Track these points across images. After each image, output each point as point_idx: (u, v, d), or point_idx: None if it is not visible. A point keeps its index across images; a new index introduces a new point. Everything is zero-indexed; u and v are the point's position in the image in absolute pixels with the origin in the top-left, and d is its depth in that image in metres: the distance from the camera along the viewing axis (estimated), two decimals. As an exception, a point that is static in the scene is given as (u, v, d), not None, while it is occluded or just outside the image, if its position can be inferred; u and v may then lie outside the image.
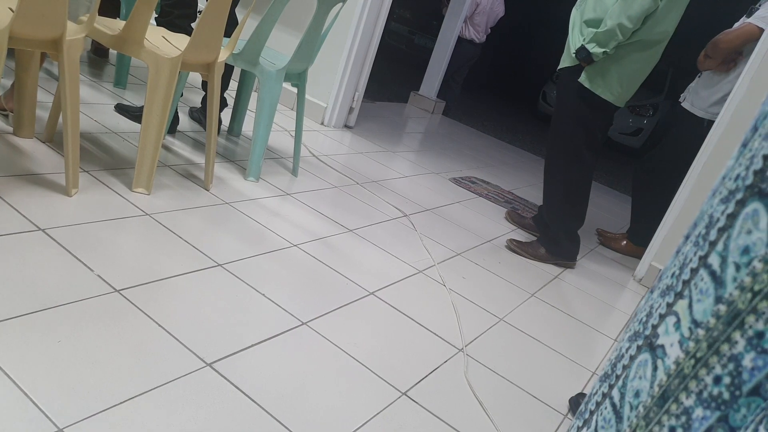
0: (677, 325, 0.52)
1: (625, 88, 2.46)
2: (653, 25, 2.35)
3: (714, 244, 0.51)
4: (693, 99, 2.92)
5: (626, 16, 2.28)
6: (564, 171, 2.61)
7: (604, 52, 2.35)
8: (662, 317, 0.56)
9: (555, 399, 1.66)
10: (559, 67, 2.60)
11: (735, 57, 2.75)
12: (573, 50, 2.46)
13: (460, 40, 5.74)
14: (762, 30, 2.60)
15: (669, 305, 0.56)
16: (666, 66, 7.65)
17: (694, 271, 0.54)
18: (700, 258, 0.53)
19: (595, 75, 2.43)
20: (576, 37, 2.47)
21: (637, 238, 3.19)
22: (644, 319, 0.60)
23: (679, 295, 0.54)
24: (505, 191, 3.73)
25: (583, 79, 2.45)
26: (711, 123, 2.79)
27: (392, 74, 7.70)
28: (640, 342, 0.58)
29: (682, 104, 2.99)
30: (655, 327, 0.57)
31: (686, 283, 0.53)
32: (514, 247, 2.69)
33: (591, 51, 2.37)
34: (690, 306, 0.53)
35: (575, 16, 2.52)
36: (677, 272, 0.56)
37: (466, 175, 3.77)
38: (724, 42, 2.72)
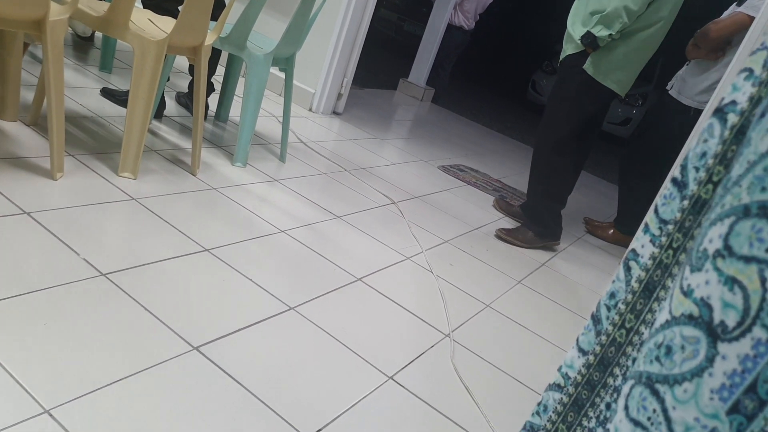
0: (645, 229, 0.59)
1: (629, 76, 2.47)
2: (656, 9, 2.36)
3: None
4: (680, 87, 2.93)
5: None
6: (552, 152, 2.62)
7: (609, 35, 2.35)
8: None
9: (540, 384, 1.68)
10: (561, 57, 2.59)
11: (723, 46, 2.76)
12: (577, 37, 2.46)
13: (450, 27, 5.72)
14: (753, 19, 2.61)
15: None
16: (656, 55, 7.67)
17: None
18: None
19: (600, 62, 2.43)
20: (577, 28, 2.47)
21: (623, 226, 3.22)
22: None
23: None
24: (494, 179, 3.74)
25: (587, 66, 2.45)
26: (698, 111, 2.81)
27: (381, 61, 7.66)
28: None
29: (669, 92, 3.01)
30: None
31: None
32: (503, 235, 2.70)
33: (597, 34, 2.37)
34: (656, 212, 0.58)
35: (577, 7, 2.52)
36: None
37: (455, 163, 3.77)
38: (714, 31, 2.73)
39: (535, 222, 2.71)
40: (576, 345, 0.68)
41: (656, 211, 0.59)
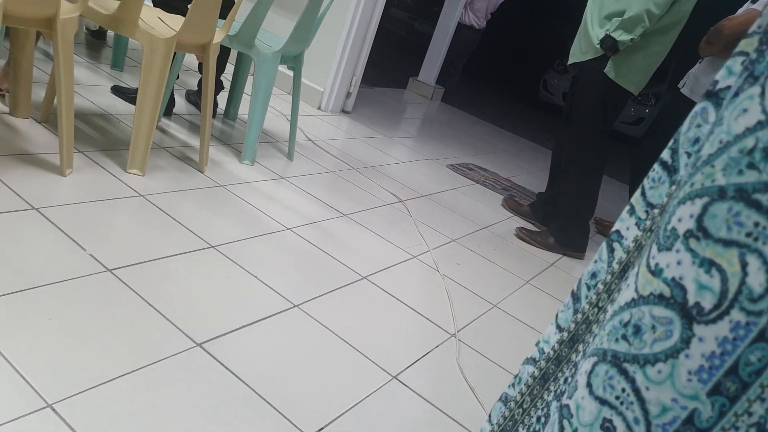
0: (631, 211, 0.57)
1: (645, 76, 2.46)
2: (676, 11, 2.33)
3: None
4: (693, 85, 2.91)
5: (653, 3, 2.25)
6: (584, 161, 2.61)
7: (631, 39, 2.32)
8: None
9: (545, 384, 1.67)
10: (574, 61, 2.57)
11: (737, 43, 2.73)
12: (596, 41, 2.44)
13: (460, 26, 5.70)
14: None
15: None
16: (670, 54, 7.61)
17: None
18: None
19: (621, 65, 2.41)
20: (595, 30, 2.45)
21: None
22: None
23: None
24: (503, 178, 3.73)
25: (608, 69, 2.43)
26: None
27: (391, 60, 7.66)
28: None
29: (681, 90, 2.98)
30: None
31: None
32: (524, 235, 2.70)
33: (618, 39, 2.34)
34: (643, 194, 0.57)
35: (592, 7, 2.50)
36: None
37: (464, 162, 3.76)
38: (728, 28, 2.70)
39: (560, 229, 2.69)
40: (555, 321, 0.69)
41: (643, 193, 0.58)
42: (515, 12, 9.20)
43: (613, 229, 0.61)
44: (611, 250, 0.60)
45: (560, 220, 2.71)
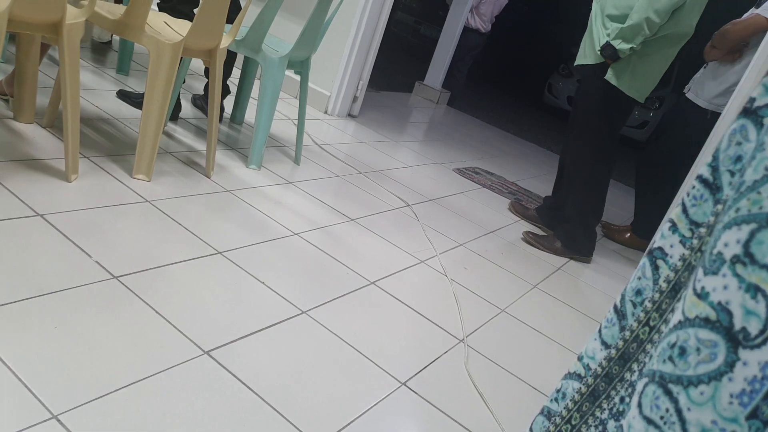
0: (673, 228, 0.56)
1: (650, 84, 2.43)
2: (680, 19, 2.29)
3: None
4: (697, 90, 2.90)
5: (654, 10, 2.22)
6: (590, 167, 2.59)
7: (630, 48, 2.29)
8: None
9: (556, 391, 1.65)
10: (579, 63, 2.56)
11: (741, 48, 2.72)
12: (597, 46, 2.42)
13: (466, 30, 5.69)
14: None
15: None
16: (674, 59, 7.59)
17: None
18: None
19: (622, 72, 2.39)
20: (599, 32, 2.42)
21: (640, 230, 3.17)
22: None
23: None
24: (509, 182, 3.71)
25: (609, 76, 2.41)
26: (715, 114, 2.76)
27: (397, 64, 7.65)
28: None
29: (686, 94, 2.96)
30: None
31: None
32: (531, 239, 2.68)
33: (617, 47, 2.32)
34: (685, 212, 0.58)
35: (596, 10, 2.48)
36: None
37: (470, 166, 3.75)
38: (732, 33, 2.69)
39: (567, 234, 2.67)
40: (599, 337, 0.69)
41: (685, 211, 0.58)
42: (520, 16, 9.19)
43: (655, 245, 0.61)
44: (655, 268, 0.60)
45: (567, 224, 2.69)
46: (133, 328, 1.27)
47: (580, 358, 0.71)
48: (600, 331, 0.68)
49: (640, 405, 0.47)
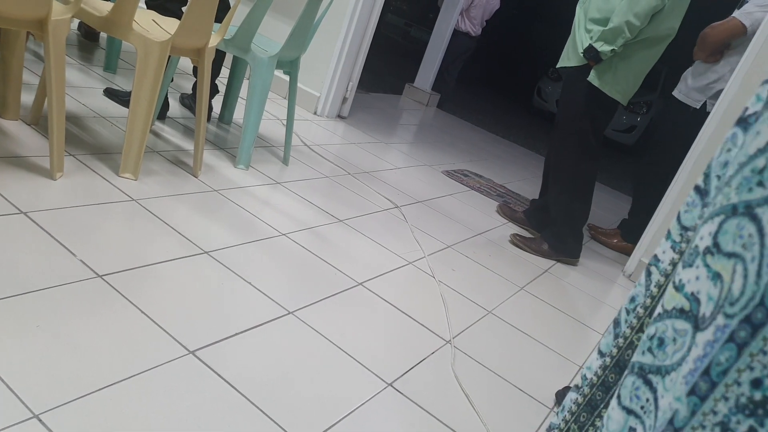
0: (667, 235, 0.58)
1: (632, 86, 2.46)
2: (660, 22, 2.34)
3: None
4: (681, 86, 3.00)
5: (633, 14, 2.26)
6: (574, 169, 2.61)
7: (612, 50, 2.34)
8: None
9: (541, 392, 1.65)
10: (562, 65, 2.58)
11: (722, 50, 2.79)
12: (580, 49, 2.44)
13: (456, 33, 5.71)
14: (745, 26, 2.65)
15: None
16: (660, 64, 7.67)
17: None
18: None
19: (604, 73, 2.42)
20: (582, 35, 2.46)
21: (629, 234, 3.19)
22: None
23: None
24: (498, 185, 3.72)
25: (592, 77, 2.44)
26: (697, 111, 2.85)
27: (388, 66, 7.66)
28: None
29: (674, 94, 3.05)
30: None
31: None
32: (518, 241, 2.69)
33: (599, 49, 2.36)
34: (678, 219, 0.59)
35: (579, 14, 2.51)
36: None
37: (459, 168, 3.75)
38: (710, 36, 2.78)
39: (554, 236, 2.68)
40: (597, 347, 0.71)
41: (678, 218, 0.60)
42: (510, 20, 9.24)
43: (653, 254, 0.63)
44: (648, 274, 0.62)
45: (554, 227, 2.70)
46: (117, 327, 1.26)
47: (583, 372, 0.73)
48: (600, 342, 0.70)
49: (619, 396, 0.48)
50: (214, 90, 2.82)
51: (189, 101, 2.86)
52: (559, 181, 2.67)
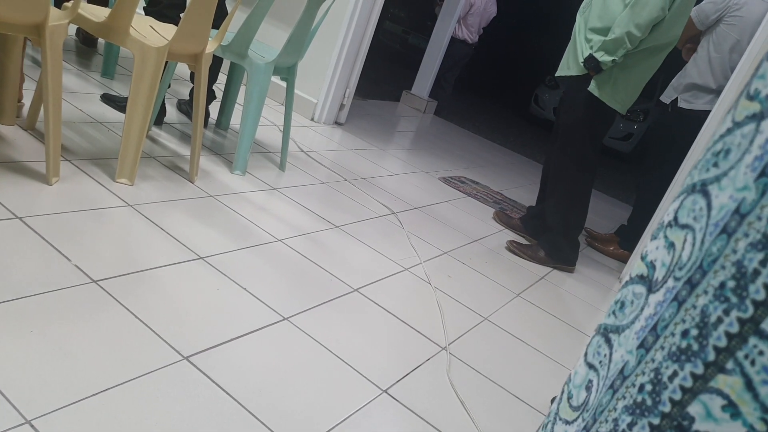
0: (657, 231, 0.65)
1: (631, 95, 2.47)
2: (661, 32, 2.34)
3: None
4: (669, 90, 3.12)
5: (635, 24, 2.26)
6: (573, 177, 2.61)
7: (612, 60, 2.34)
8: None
9: (537, 399, 1.65)
10: (561, 74, 2.58)
11: (693, 46, 2.96)
12: (581, 58, 2.45)
13: (453, 40, 5.73)
14: (692, 21, 2.84)
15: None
16: (657, 72, 7.70)
17: None
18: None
19: (604, 83, 2.43)
20: (581, 44, 2.46)
21: (626, 241, 3.20)
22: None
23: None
24: (494, 192, 3.72)
25: (592, 87, 2.44)
26: (675, 109, 2.96)
27: (385, 73, 7.68)
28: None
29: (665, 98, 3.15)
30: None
31: None
32: (514, 248, 2.69)
33: (600, 59, 2.36)
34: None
35: (579, 23, 2.51)
36: None
37: (456, 175, 3.76)
38: None
39: (550, 243, 2.68)
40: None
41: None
42: (507, 28, 9.28)
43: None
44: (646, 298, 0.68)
45: (550, 233, 2.70)
46: (111, 332, 1.26)
47: None
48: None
49: (585, 354, 0.55)
50: (211, 96, 2.82)
51: (186, 107, 2.87)
52: (557, 189, 2.67)
